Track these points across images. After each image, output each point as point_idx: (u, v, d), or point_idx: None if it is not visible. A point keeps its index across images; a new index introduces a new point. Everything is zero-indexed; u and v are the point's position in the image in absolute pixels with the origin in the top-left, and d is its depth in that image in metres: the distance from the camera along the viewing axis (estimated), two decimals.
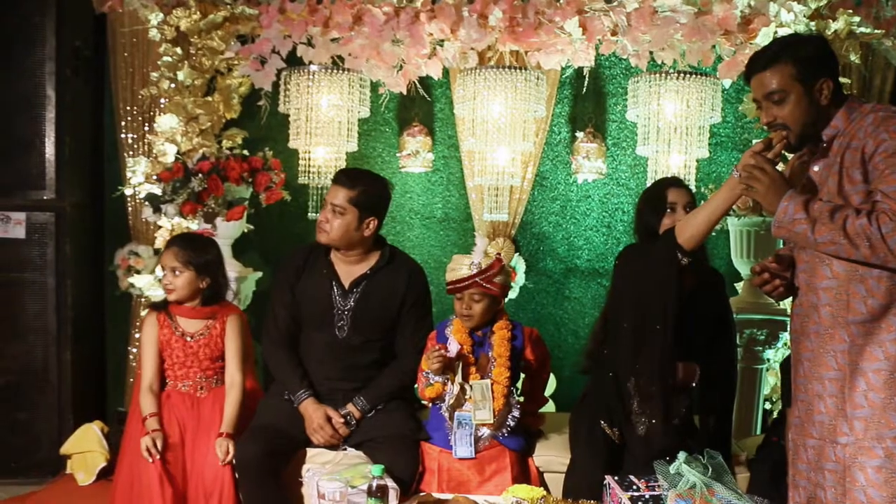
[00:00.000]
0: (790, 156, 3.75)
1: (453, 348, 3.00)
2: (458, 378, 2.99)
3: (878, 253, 2.10)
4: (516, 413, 3.02)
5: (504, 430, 3.00)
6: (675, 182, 3.11)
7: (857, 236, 2.11)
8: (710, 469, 2.40)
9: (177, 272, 3.12)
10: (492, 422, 2.96)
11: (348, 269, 3.17)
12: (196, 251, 3.16)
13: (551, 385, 4.15)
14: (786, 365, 3.47)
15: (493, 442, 2.99)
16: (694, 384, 2.95)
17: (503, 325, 3.08)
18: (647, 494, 2.49)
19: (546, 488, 2.93)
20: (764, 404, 4.08)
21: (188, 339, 3.16)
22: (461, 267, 3.02)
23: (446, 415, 3.00)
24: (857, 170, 2.19)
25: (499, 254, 3.21)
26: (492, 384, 2.98)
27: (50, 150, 3.94)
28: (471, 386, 2.98)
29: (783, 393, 3.44)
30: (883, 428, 2.17)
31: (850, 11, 3.53)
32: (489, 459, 2.96)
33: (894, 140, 2.13)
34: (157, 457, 2.92)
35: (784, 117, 2.28)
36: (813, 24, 3.51)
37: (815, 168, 2.33)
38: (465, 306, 3.02)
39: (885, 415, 2.17)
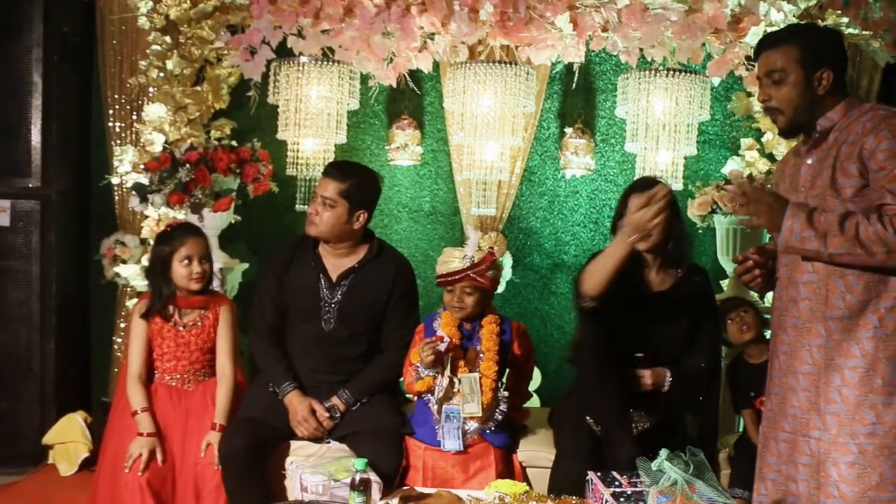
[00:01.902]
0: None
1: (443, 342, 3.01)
2: (447, 371, 2.98)
3: (894, 258, 2.12)
4: (503, 407, 3.03)
5: (491, 424, 3.00)
6: (640, 187, 2.98)
7: (874, 243, 2.12)
8: (692, 466, 2.41)
9: (203, 261, 3.12)
10: (480, 415, 2.96)
11: (336, 262, 3.17)
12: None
13: (536, 380, 4.16)
14: (729, 369, 3.51)
15: (479, 437, 3.00)
16: (665, 388, 2.91)
17: (492, 320, 3.08)
18: (630, 490, 2.50)
19: (529, 484, 2.93)
20: None
21: (181, 328, 3.14)
22: (453, 260, 3.01)
23: (434, 408, 3.00)
24: (854, 164, 2.20)
25: (491, 248, 3.19)
26: (480, 378, 2.98)
27: (36, 137, 3.92)
28: (459, 379, 2.97)
29: (733, 398, 3.48)
30: (856, 424, 2.19)
31: (839, 12, 3.55)
32: (474, 457, 2.96)
33: None
34: (141, 467, 2.87)
35: (779, 98, 2.31)
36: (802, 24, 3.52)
37: (809, 161, 2.35)
38: (456, 299, 3.02)
39: (858, 411, 2.20)
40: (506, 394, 3.11)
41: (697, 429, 3.08)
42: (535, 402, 3.87)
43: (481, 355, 3.03)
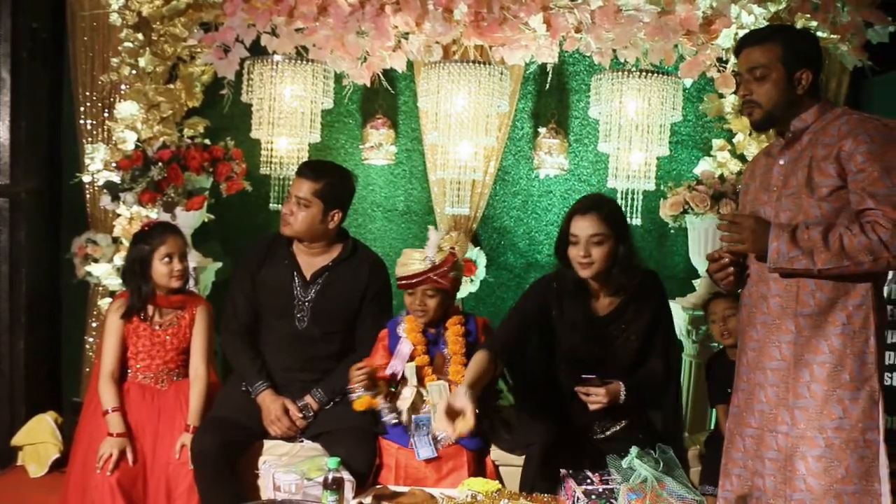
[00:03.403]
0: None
1: (405, 349, 2.95)
2: (414, 382, 2.94)
3: (881, 263, 2.17)
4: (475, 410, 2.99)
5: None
6: (583, 209, 2.84)
7: (860, 253, 2.16)
8: (662, 463, 2.44)
9: (183, 259, 3.13)
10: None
11: (310, 261, 3.16)
12: None
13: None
14: (709, 363, 3.55)
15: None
16: (621, 400, 2.81)
17: (456, 321, 3.04)
18: (601, 488, 2.52)
19: (502, 482, 2.94)
20: None
21: (157, 327, 3.12)
22: (413, 262, 2.95)
23: (403, 418, 2.95)
24: (831, 165, 2.25)
25: (452, 248, 3.09)
26: (449, 385, 2.93)
27: (4, 134, 3.86)
28: (428, 389, 2.92)
29: (710, 392, 3.51)
30: (824, 419, 2.24)
31: (808, 16, 3.60)
32: (447, 458, 2.93)
33: (876, 144, 2.20)
34: (110, 468, 2.87)
35: (759, 95, 2.35)
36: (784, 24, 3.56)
37: (781, 161, 2.39)
38: (418, 302, 2.96)
39: (826, 406, 2.24)
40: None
41: (661, 428, 3.06)
42: (507, 400, 3.87)
43: (448, 359, 2.99)
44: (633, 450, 2.48)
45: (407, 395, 2.95)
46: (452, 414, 2.46)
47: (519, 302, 3.03)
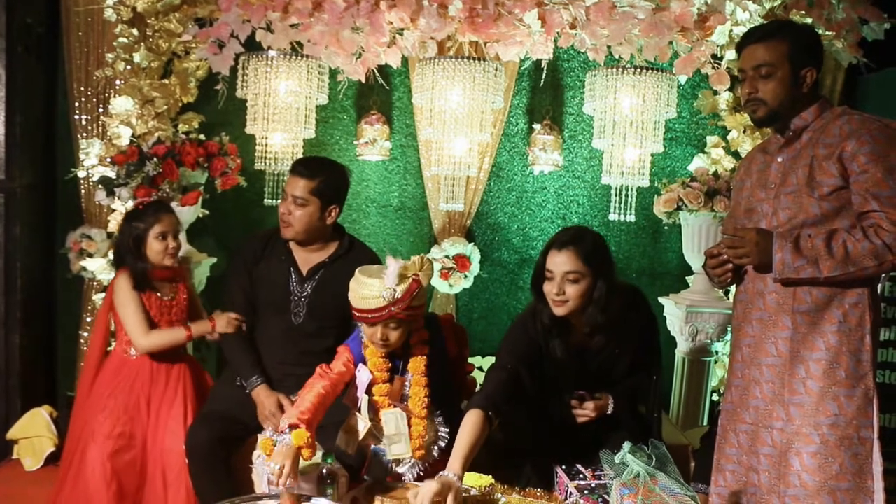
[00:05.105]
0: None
1: (364, 379, 2.69)
2: (365, 411, 2.70)
3: (885, 267, 2.19)
4: (444, 432, 2.71)
5: (430, 459, 2.70)
6: (560, 243, 2.64)
7: (864, 258, 2.18)
8: (654, 459, 2.45)
9: (176, 237, 3.19)
10: (410, 454, 2.67)
11: (307, 257, 3.17)
12: None
13: None
14: None
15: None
16: (610, 411, 2.77)
17: (419, 338, 2.75)
18: (594, 483, 2.53)
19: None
20: (711, 396, 4.17)
21: (166, 297, 3.19)
22: (371, 294, 2.57)
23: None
24: (833, 165, 2.25)
25: (416, 274, 2.64)
26: (408, 417, 2.67)
27: (0, 129, 3.86)
28: (383, 419, 2.67)
29: None
30: (819, 415, 2.26)
31: (803, 13, 3.61)
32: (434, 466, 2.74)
33: (879, 145, 2.21)
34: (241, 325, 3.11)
35: (765, 92, 2.34)
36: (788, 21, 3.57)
37: (780, 158, 2.39)
38: (379, 335, 2.62)
39: (821, 403, 2.26)
40: (446, 430, 2.72)
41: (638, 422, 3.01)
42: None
43: (408, 381, 2.71)
44: (626, 445, 2.48)
45: (360, 428, 2.69)
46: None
47: (506, 346, 2.78)
